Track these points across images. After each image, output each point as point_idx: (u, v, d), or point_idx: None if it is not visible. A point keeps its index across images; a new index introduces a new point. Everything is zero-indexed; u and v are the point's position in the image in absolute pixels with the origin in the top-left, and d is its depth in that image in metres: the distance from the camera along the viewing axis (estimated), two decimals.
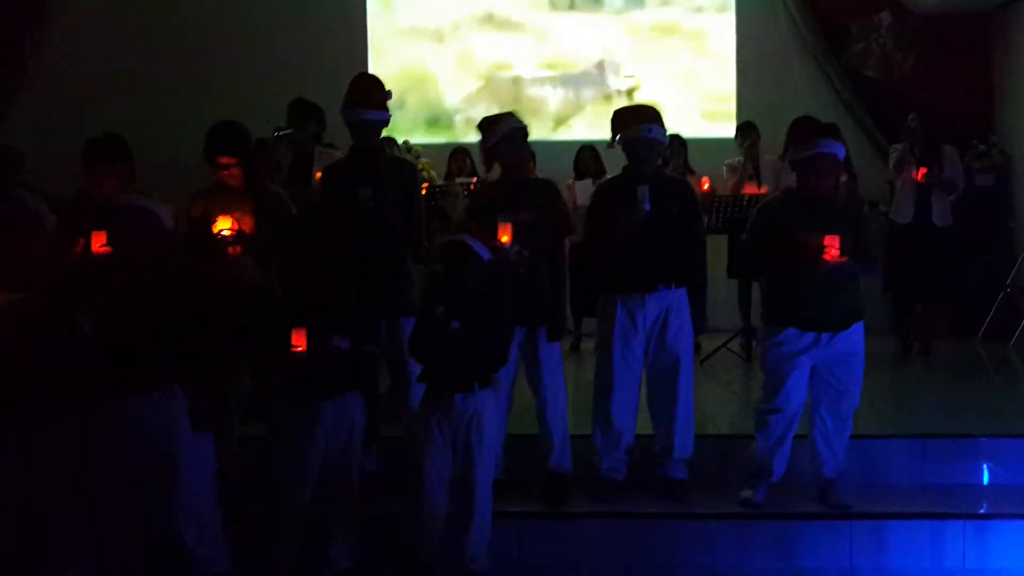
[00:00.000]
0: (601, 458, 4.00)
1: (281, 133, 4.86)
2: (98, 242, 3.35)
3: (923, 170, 6.43)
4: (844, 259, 3.69)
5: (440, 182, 6.66)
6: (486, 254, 3.45)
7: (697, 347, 6.82)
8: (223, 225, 3.76)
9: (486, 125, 4.03)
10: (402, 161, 4.34)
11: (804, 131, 3.89)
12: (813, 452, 3.92)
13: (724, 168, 6.96)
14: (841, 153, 3.85)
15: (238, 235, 3.77)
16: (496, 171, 4.07)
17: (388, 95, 4.11)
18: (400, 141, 8.12)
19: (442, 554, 3.39)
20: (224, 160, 3.94)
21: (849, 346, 3.85)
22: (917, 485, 4.10)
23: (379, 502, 3.79)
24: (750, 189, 6.61)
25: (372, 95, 4.05)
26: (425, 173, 7.44)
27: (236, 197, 3.96)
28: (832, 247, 3.66)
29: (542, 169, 7.00)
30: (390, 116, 4.14)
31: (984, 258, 7.78)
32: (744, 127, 6.97)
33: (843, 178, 6.67)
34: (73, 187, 4.30)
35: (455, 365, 3.42)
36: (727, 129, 7.94)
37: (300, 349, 3.26)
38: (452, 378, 3.42)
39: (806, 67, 8.40)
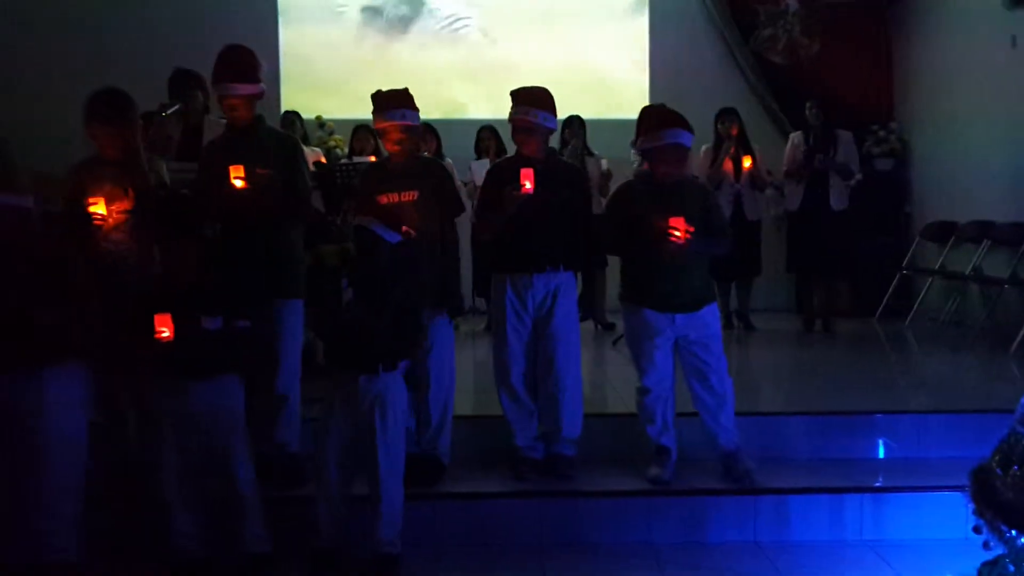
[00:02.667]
0: (515, 437, 4.00)
1: (169, 111, 4.63)
2: None
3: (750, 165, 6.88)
4: (685, 239, 3.71)
5: (344, 160, 6.52)
6: (394, 238, 3.41)
7: (611, 327, 6.96)
8: (96, 209, 3.59)
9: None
10: (282, 136, 4.16)
11: (652, 121, 3.94)
12: (703, 427, 3.98)
13: (631, 151, 7.04)
14: (688, 141, 3.89)
15: (110, 217, 3.61)
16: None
17: (262, 67, 3.93)
18: (313, 116, 7.98)
19: (354, 538, 3.33)
20: (98, 129, 3.70)
21: (703, 327, 3.92)
22: (817, 460, 4.19)
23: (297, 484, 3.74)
24: None
25: (242, 68, 3.88)
26: (339, 150, 7.31)
27: (114, 170, 3.71)
28: (678, 229, 3.70)
29: (448, 148, 7.03)
30: (263, 89, 3.94)
31: (883, 240, 8.09)
32: None
33: (747, 164, 6.91)
34: None
35: (361, 347, 3.36)
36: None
37: (165, 335, 3.13)
38: (357, 360, 3.36)
39: (716, 51, 8.56)
